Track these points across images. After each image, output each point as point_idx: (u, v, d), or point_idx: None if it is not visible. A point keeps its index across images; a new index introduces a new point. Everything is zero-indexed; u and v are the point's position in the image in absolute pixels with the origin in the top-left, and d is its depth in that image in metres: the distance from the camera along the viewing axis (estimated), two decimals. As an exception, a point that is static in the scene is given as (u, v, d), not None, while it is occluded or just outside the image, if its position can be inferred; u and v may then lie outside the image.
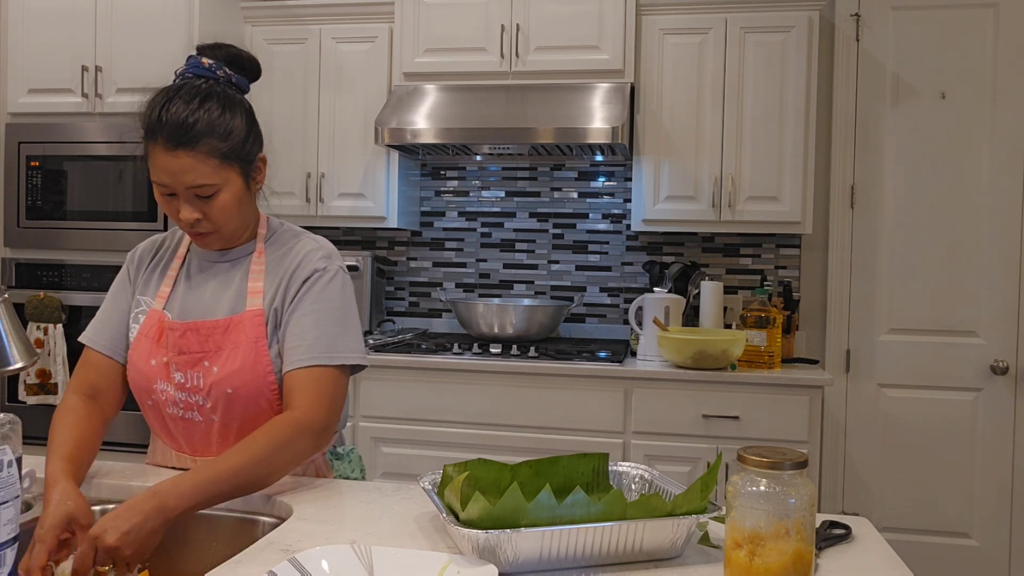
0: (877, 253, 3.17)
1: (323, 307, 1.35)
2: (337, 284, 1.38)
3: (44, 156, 3.10)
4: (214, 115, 1.28)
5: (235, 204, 1.33)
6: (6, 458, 0.87)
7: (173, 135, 1.25)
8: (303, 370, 1.30)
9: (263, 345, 1.33)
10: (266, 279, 1.38)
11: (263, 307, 1.35)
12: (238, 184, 1.33)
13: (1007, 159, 3.06)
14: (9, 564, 0.88)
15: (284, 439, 1.22)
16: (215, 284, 1.39)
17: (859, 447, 3.18)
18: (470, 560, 0.93)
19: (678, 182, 3.01)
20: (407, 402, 2.85)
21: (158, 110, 1.27)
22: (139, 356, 1.37)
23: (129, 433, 2.97)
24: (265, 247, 1.42)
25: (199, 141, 1.26)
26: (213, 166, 1.27)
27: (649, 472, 1.20)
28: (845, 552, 1.07)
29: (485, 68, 3.07)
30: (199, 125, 1.26)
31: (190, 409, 1.35)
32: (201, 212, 1.30)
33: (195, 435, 1.37)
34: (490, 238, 3.50)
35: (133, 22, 3.07)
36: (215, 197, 1.29)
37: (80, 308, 3.06)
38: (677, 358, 2.73)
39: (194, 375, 1.33)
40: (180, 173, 1.26)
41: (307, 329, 1.33)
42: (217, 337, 1.33)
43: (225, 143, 1.29)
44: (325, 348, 1.32)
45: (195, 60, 1.34)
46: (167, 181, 1.27)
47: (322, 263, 1.38)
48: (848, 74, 3.18)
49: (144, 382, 1.37)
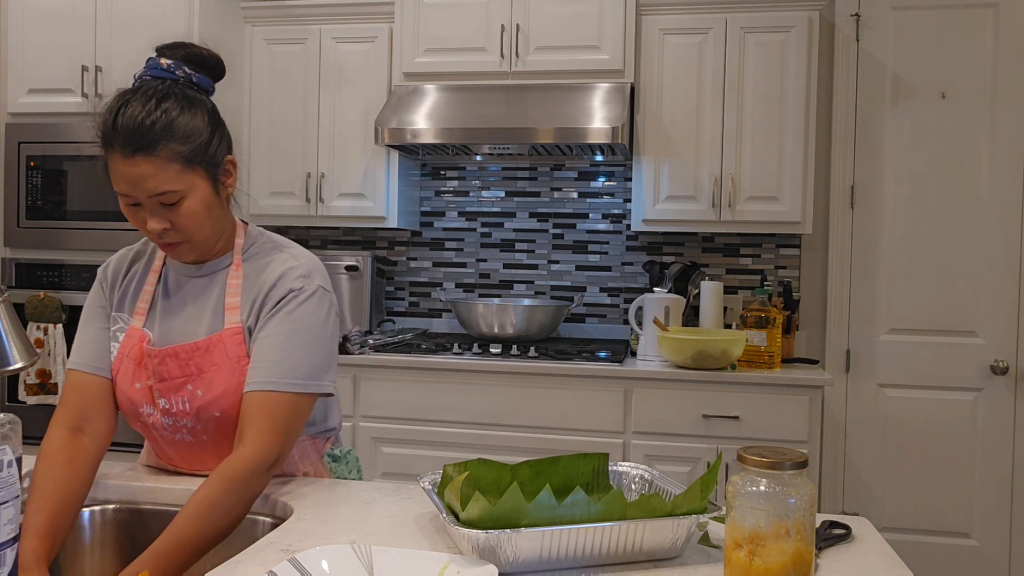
0: (877, 253, 3.17)
1: (291, 328, 1.27)
2: (311, 305, 1.29)
3: (44, 156, 3.10)
4: (172, 116, 1.20)
5: (204, 210, 1.24)
6: (6, 458, 0.87)
7: (130, 141, 1.17)
8: (259, 394, 1.23)
9: (245, 364, 1.28)
10: (243, 294, 1.31)
11: (241, 323, 1.29)
12: (205, 189, 1.24)
13: (1007, 159, 3.06)
14: (9, 564, 0.88)
15: (240, 486, 1.16)
16: (193, 302, 1.33)
17: (859, 447, 3.18)
18: (470, 560, 0.93)
19: (678, 182, 3.01)
20: (407, 402, 2.85)
21: (113, 116, 1.19)
22: (123, 379, 1.32)
23: (129, 433, 2.96)
24: (243, 259, 1.34)
25: (158, 145, 1.18)
26: (175, 171, 1.20)
27: (649, 472, 1.20)
28: (845, 552, 1.07)
29: (485, 68, 3.07)
30: (156, 127, 1.18)
31: (179, 431, 1.31)
32: (168, 221, 1.22)
33: (189, 453, 1.34)
34: (490, 238, 3.50)
35: (133, 22, 3.07)
36: (181, 204, 1.21)
37: (80, 308, 3.05)
38: (677, 358, 2.73)
39: (178, 400, 1.29)
40: (140, 181, 1.18)
41: (270, 350, 1.25)
42: (198, 359, 1.28)
43: (185, 146, 1.21)
44: (285, 373, 1.24)
45: (153, 61, 1.26)
46: (128, 191, 1.19)
47: (298, 283, 1.30)
48: (848, 74, 3.18)
49: (130, 406, 1.32)
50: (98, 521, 1.29)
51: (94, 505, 1.29)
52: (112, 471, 1.37)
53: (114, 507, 1.29)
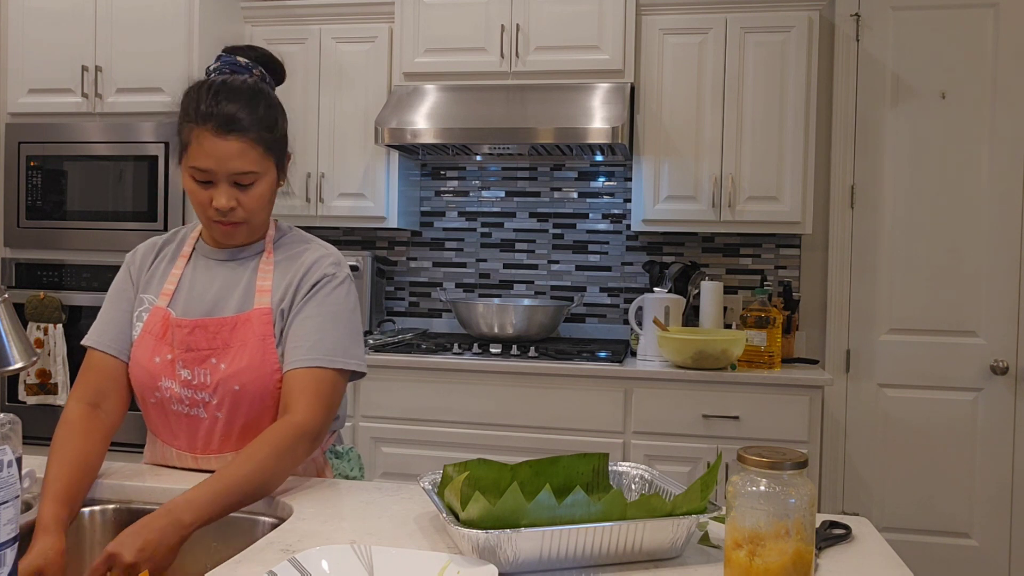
0: (877, 253, 3.17)
1: (328, 311, 1.36)
2: (343, 291, 1.40)
3: (44, 156, 3.10)
4: (266, 106, 1.33)
5: (269, 195, 1.36)
6: (6, 458, 0.87)
7: (227, 120, 1.27)
8: (303, 370, 1.31)
9: (271, 343, 1.34)
10: (275, 279, 1.39)
11: (271, 306, 1.36)
12: (273, 176, 1.36)
13: (1007, 159, 3.06)
14: (9, 564, 0.88)
15: (286, 446, 1.23)
16: (222, 282, 1.40)
17: (859, 447, 3.18)
18: (470, 560, 0.93)
19: (678, 182, 3.01)
20: (407, 402, 2.85)
21: (209, 96, 1.29)
22: (143, 353, 1.37)
23: (129, 433, 2.96)
24: (274, 248, 1.43)
25: (251, 129, 1.29)
26: (259, 154, 1.31)
27: (649, 472, 1.20)
28: (845, 552, 1.07)
29: (485, 68, 3.07)
30: (254, 112, 1.30)
31: (196, 406, 1.35)
32: (236, 201, 1.31)
33: (198, 433, 1.37)
34: (490, 238, 3.50)
35: (133, 22, 3.07)
36: (253, 186, 1.32)
37: (80, 308, 3.06)
38: (677, 358, 2.73)
39: (201, 372, 1.34)
40: (228, 159, 1.28)
41: (311, 331, 1.34)
42: (225, 334, 1.34)
43: (271, 134, 1.33)
44: (327, 351, 1.33)
45: (229, 58, 1.37)
46: (211, 166, 1.28)
47: (332, 269, 1.40)
48: (848, 74, 3.18)
49: (148, 379, 1.36)
50: (98, 521, 1.28)
51: (94, 505, 1.29)
52: (112, 471, 1.37)
53: (114, 507, 1.29)
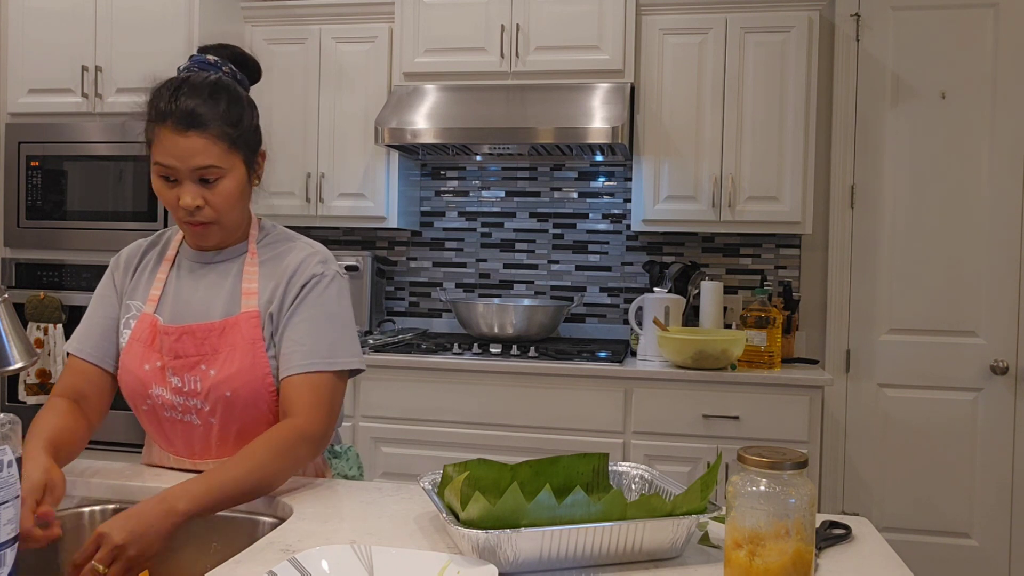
0: (877, 253, 3.17)
1: (321, 312, 1.35)
2: (334, 289, 1.38)
3: (44, 156, 3.10)
4: (226, 100, 1.30)
5: (237, 192, 1.33)
6: (6, 458, 0.87)
7: (185, 116, 1.25)
8: (302, 376, 1.30)
9: (260, 347, 1.32)
10: (261, 280, 1.37)
11: (259, 309, 1.34)
12: (242, 172, 1.33)
13: (1007, 159, 3.06)
14: (9, 564, 0.88)
15: (286, 447, 1.23)
16: (207, 286, 1.37)
17: (859, 447, 3.18)
18: (470, 560, 0.93)
19: (678, 182, 3.01)
20: (407, 402, 2.85)
21: (169, 94, 1.28)
22: (132, 360, 1.35)
23: (128, 433, 2.97)
24: (258, 248, 1.41)
25: (211, 123, 1.27)
26: (222, 149, 1.28)
27: (649, 472, 1.20)
28: (845, 552, 1.07)
29: (485, 68, 3.07)
30: (212, 107, 1.28)
31: (188, 412, 1.33)
32: (203, 199, 1.29)
33: (193, 439, 1.36)
34: (490, 238, 3.50)
35: (133, 22, 3.07)
36: (219, 183, 1.29)
37: (80, 308, 3.06)
38: (677, 358, 2.73)
39: (191, 379, 1.32)
40: (189, 155, 1.26)
41: (305, 334, 1.32)
42: (213, 340, 1.32)
43: (234, 129, 1.30)
44: (323, 353, 1.32)
45: (199, 56, 1.36)
46: (174, 163, 1.26)
47: (320, 268, 1.38)
48: (848, 74, 3.18)
49: (139, 387, 1.35)
50: (98, 521, 1.28)
51: (94, 505, 1.29)
52: (112, 471, 1.36)
53: (114, 507, 1.29)
